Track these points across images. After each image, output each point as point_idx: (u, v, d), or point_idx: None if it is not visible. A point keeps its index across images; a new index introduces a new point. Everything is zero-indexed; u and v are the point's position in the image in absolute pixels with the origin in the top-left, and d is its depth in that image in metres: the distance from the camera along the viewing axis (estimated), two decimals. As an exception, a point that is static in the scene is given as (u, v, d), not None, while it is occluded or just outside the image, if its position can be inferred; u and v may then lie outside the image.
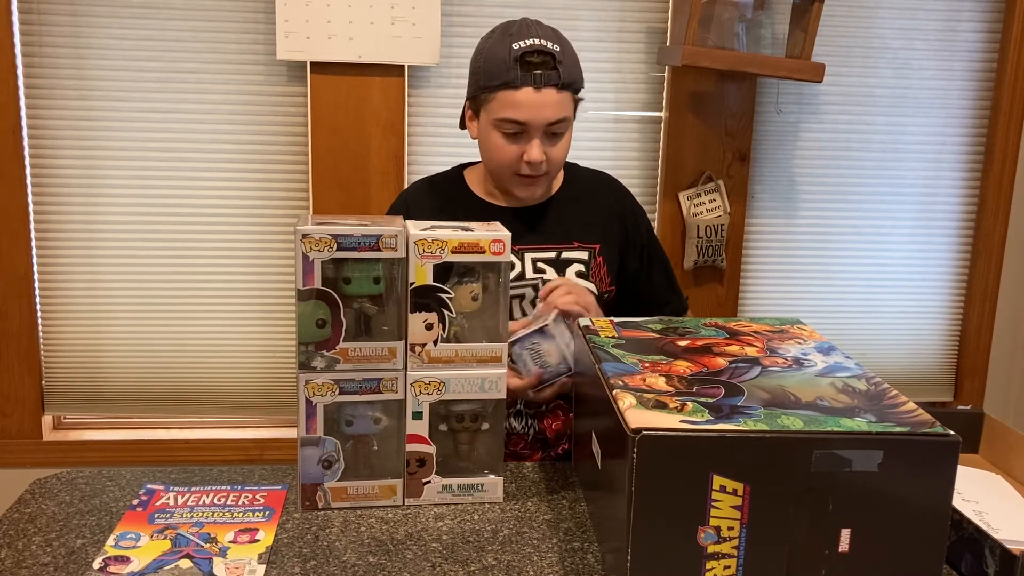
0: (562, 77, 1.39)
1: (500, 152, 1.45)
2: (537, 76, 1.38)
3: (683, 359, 1.11)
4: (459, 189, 1.57)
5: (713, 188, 2.18)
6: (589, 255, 1.53)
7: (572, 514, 1.19)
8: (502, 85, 1.40)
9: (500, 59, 1.40)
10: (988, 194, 2.29)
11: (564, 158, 1.49)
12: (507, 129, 1.42)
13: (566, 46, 1.43)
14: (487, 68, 1.42)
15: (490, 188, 1.55)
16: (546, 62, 1.39)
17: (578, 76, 1.45)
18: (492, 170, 1.51)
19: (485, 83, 1.43)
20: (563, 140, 1.45)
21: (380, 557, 1.07)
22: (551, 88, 1.39)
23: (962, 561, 1.07)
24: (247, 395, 2.20)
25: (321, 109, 2.04)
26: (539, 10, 2.07)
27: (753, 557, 0.90)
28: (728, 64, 2.00)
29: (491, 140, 1.45)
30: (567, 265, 1.52)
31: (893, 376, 2.36)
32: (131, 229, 2.09)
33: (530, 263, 1.50)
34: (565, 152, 1.48)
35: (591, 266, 1.53)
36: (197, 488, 1.22)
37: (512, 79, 1.39)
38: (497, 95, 1.41)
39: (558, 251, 1.52)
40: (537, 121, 1.40)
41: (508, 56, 1.39)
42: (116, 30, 2.00)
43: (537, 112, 1.39)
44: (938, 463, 0.90)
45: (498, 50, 1.41)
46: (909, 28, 2.20)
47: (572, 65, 1.42)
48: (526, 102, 1.39)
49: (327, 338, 1.13)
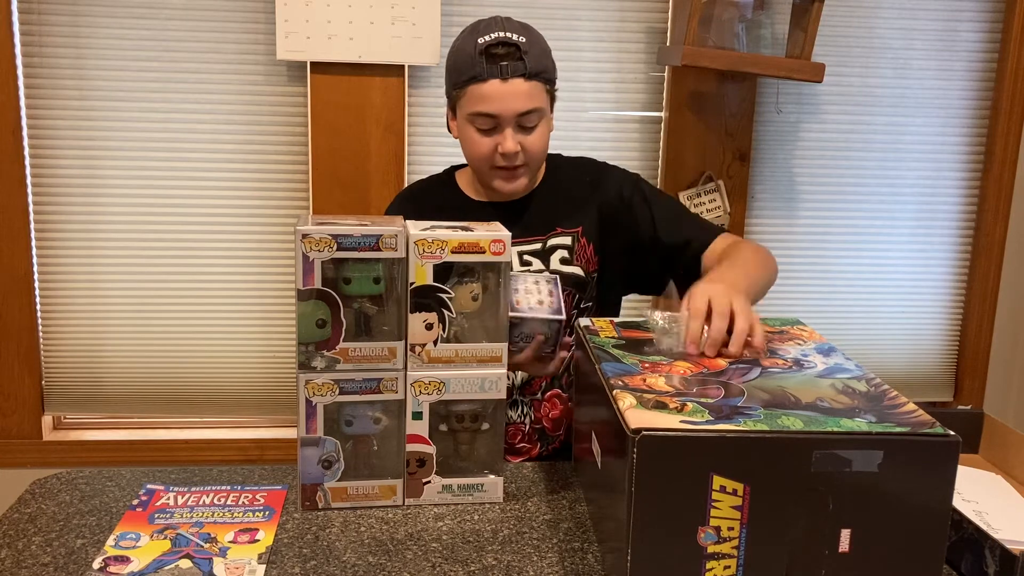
0: (528, 67, 1.40)
1: (476, 146, 1.45)
2: (503, 67, 1.39)
3: (683, 359, 1.11)
4: (447, 189, 1.58)
5: (713, 188, 2.18)
6: (572, 239, 1.53)
7: (572, 514, 1.19)
8: (470, 80, 1.41)
9: (467, 55, 1.41)
10: (988, 194, 2.29)
11: (542, 149, 1.48)
12: (480, 124, 1.43)
13: (534, 37, 1.43)
14: (456, 65, 1.44)
15: (478, 186, 1.56)
16: (511, 52, 1.39)
17: (548, 66, 1.44)
18: (473, 166, 1.52)
19: (455, 79, 1.44)
20: (538, 131, 1.45)
21: (380, 557, 1.07)
22: (518, 78, 1.40)
23: (962, 561, 1.07)
24: (247, 395, 2.20)
25: (321, 109, 2.04)
26: (539, 10, 2.07)
27: (753, 557, 0.90)
28: (728, 64, 2.00)
29: (467, 135, 1.46)
30: (551, 253, 1.52)
31: (893, 376, 2.36)
32: (131, 229, 2.09)
33: (516, 257, 1.51)
34: (542, 143, 1.47)
35: (575, 249, 1.53)
36: (197, 488, 1.22)
37: (479, 72, 1.40)
38: (467, 90, 1.42)
39: (542, 241, 1.53)
40: (507, 112, 1.41)
41: (474, 51, 1.40)
42: (116, 30, 2.00)
43: (505, 103, 1.40)
44: (938, 463, 0.90)
45: (465, 46, 1.42)
46: (909, 28, 2.20)
47: (540, 55, 1.42)
48: (494, 94, 1.40)
49: (327, 338, 1.13)
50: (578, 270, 1.52)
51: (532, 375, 1.49)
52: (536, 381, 1.52)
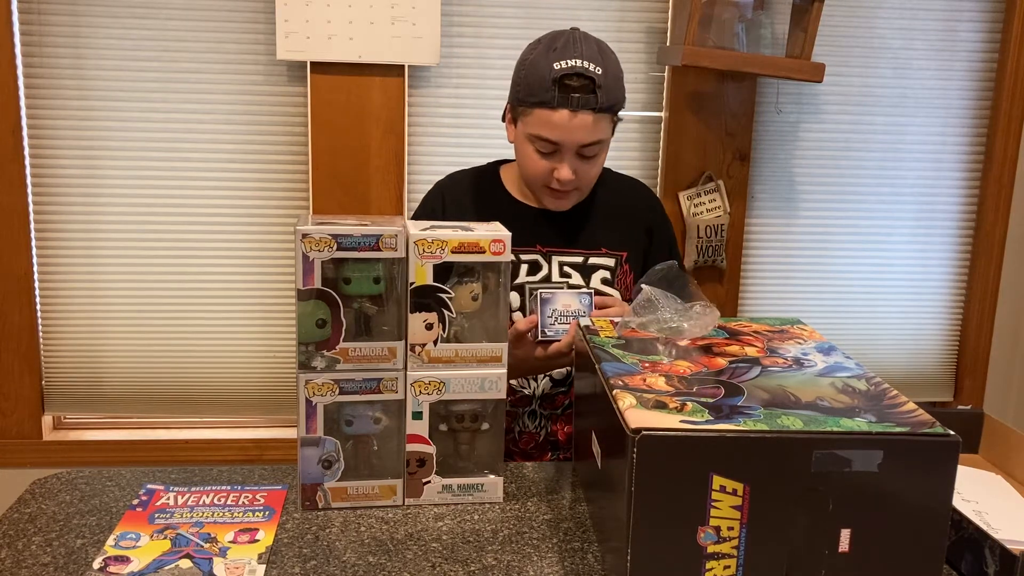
0: (599, 101, 1.37)
1: (533, 165, 1.44)
2: (575, 99, 1.36)
3: (683, 359, 1.11)
4: (495, 186, 1.57)
5: (713, 188, 2.18)
6: (616, 263, 1.53)
7: (572, 514, 1.19)
8: (539, 103, 1.38)
9: (540, 76, 1.38)
10: (988, 194, 2.29)
11: (596, 176, 1.48)
12: (540, 147, 1.42)
13: (610, 66, 1.40)
14: (527, 82, 1.40)
15: (524, 188, 1.55)
16: (585, 86, 1.36)
17: (619, 98, 1.42)
18: (525, 179, 1.51)
19: (524, 97, 1.41)
20: (597, 159, 1.45)
21: (380, 557, 1.07)
22: (588, 112, 1.37)
23: (962, 561, 1.07)
24: (247, 395, 2.20)
25: (321, 109, 2.04)
26: (539, 10, 2.07)
27: (753, 557, 0.90)
28: (728, 64, 2.00)
29: (525, 151, 1.45)
30: (593, 271, 1.52)
31: (893, 376, 2.36)
32: (131, 229, 2.09)
33: (557, 266, 1.51)
34: (598, 171, 1.47)
35: (617, 273, 1.53)
36: (197, 488, 1.22)
37: (549, 100, 1.37)
38: (534, 112, 1.40)
39: (585, 256, 1.52)
40: (570, 143, 1.39)
41: (548, 75, 1.37)
42: (116, 30, 2.00)
43: (571, 135, 1.38)
44: (938, 463, 0.90)
45: (540, 66, 1.38)
46: (909, 28, 2.20)
47: (613, 88, 1.40)
48: (561, 124, 1.38)
49: (327, 338, 1.13)
50: (617, 295, 1.52)
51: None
52: (559, 398, 1.53)
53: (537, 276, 1.50)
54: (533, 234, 1.50)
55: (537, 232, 1.51)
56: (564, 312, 1.36)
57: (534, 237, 1.50)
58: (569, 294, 1.37)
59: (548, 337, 1.36)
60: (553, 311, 1.36)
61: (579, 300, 1.36)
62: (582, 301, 1.36)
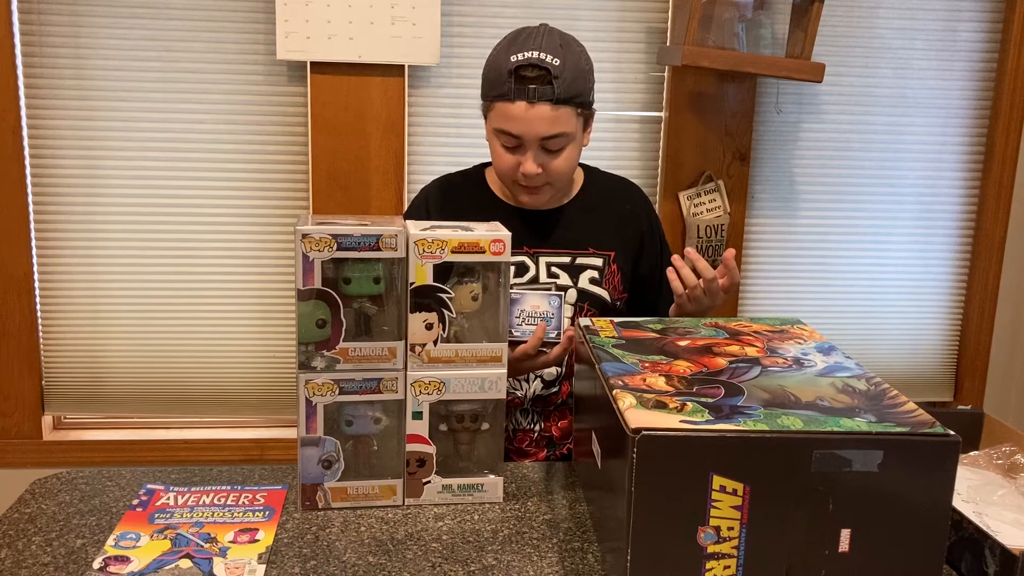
0: (557, 92, 1.36)
1: (500, 160, 1.45)
2: (531, 91, 1.36)
3: (683, 359, 1.11)
4: (479, 188, 1.57)
5: (713, 188, 2.18)
6: (604, 262, 1.53)
7: (572, 514, 1.19)
8: (498, 96, 1.39)
9: (499, 70, 1.39)
10: (988, 194, 2.29)
11: (566, 170, 1.46)
12: (504, 141, 1.42)
13: (570, 58, 1.39)
14: (489, 77, 1.42)
15: (507, 190, 1.55)
16: (541, 76, 1.36)
17: (580, 90, 1.40)
18: (497, 175, 1.52)
19: (486, 91, 1.43)
20: (564, 153, 1.43)
21: (380, 557, 1.07)
22: (545, 103, 1.37)
23: (962, 561, 1.07)
24: (247, 395, 2.20)
25: (321, 109, 2.04)
26: (539, 10, 2.07)
27: (753, 557, 0.90)
28: (728, 64, 2.00)
29: (493, 146, 1.46)
30: (581, 271, 1.52)
31: (893, 376, 2.36)
32: (131, 229, 2.09)
33: (544, 267, 1.50)
34: (566, 165, 1.45)
35: (605, 273, 1.53)
36: (197, 488, 1.22)
37: (507, 92, 1.37)
38: (495, 105, 1.41)
39: (573, 256, 1.52)
40: (531, 135, 1.39)
41: (504, 67, 1.37)
42: (116, 30, 2.00)
43: (530, 126, 1.38)
44: (938, 463, 0.90)
45: (500, 60, 1.40)
46: (909, 28, 2.20)
47: (573, 80, 1.38)
48: (519, 116, 1.38)
49: (327, 338, 1.13)
50: (605, 294, 1.52)
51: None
52: (552, 398, 1.53)
53: (524, 278, 1.50)
54: (519, 235, 1.50)
55: (523, 233, 1.50)
56: (532, 313, 1.34)
57: (520, 238, 1.49)
58: (538, 295, 1.35)
59: (515, 338, 1.34)
60: (521, 312, 1.34)
61: (548, 301, 1.35)
62: (551, 303, 1.35)
